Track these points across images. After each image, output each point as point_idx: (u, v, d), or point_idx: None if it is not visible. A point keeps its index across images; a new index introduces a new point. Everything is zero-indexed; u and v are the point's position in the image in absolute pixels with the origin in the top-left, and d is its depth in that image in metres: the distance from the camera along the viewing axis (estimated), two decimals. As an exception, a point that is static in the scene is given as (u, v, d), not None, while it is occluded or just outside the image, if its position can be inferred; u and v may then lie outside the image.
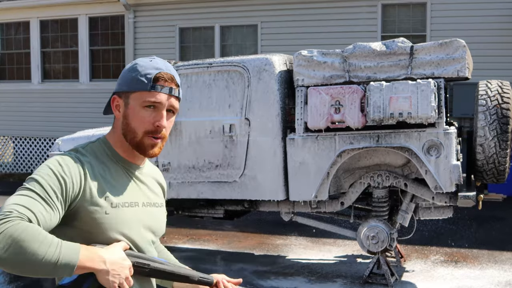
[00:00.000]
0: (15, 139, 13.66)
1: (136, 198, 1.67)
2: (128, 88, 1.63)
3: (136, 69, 1.63)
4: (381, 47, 5.22)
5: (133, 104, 1.63)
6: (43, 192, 1.46)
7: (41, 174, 1.50)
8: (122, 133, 1.66)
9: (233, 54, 11.21)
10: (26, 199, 1.44)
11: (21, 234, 1.35)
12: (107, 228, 1.56)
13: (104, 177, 1.60)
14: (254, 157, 5.56)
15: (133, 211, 1.64)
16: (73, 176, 1.52)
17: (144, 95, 1.61)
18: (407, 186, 5.25)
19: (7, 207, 1.41)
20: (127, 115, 1.64)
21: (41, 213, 1.43)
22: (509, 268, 5.85)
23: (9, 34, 13.88)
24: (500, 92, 5.19)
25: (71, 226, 1.55)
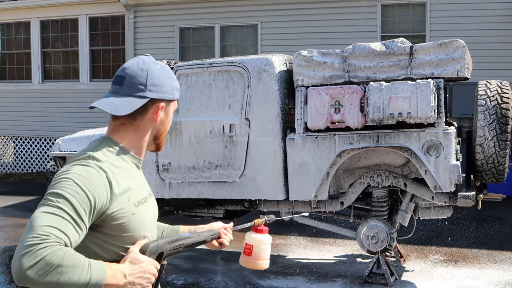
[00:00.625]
0: (16, 139, 13.67)
1: (145, 191, 1.76)
2: (173, 97, 1.76)
3: (174, 78, 1.78)
4: (381, 47, 5.23)
5: (171, 109, 1.78)
6: (75, 213, 1.48)
7: (70, 192, 1.50)
8: (154, 135, 1.76)
9: (233, 54, 11.22)
10: (59, 220, 1.44)
11: (60, 262, 1.39)
12: (134, 227, 1.64)
13: (124, 180, 1.64)
14: (254, 157, 5.57)
15: (148, 205, 1.74)
16: (101, 191, 1.55)
17: (176, 102, 1.81)
18: (406, 186, 5.26)
19: (42, 230, 1.41)
20: (165, 120, 1.77)
21: (73, 235, 1.46)
22: (508, 267, 5.86)
23: (10, 34, 13.89)
24: (499, 92, 5.20)
25: (97, 231, 1.58)
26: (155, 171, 5.90)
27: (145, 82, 1.70)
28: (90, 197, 1.51)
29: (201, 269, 6.05)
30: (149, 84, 1.70)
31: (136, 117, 1.70)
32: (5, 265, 6.38)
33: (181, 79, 5.89)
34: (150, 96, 1.69)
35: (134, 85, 1.69)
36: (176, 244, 1.72)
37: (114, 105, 1.68)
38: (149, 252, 1.63)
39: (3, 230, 8.07)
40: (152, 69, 1.71)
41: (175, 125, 5.83)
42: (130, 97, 1.69)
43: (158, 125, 1.75)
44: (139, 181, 1.74)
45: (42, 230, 1.40)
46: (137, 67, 1.71)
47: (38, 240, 1.39)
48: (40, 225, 1.41)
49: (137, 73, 1.70)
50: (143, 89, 1.69)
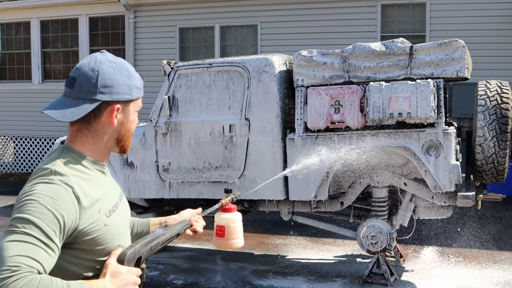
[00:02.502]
0: (16, 139, 13.68)
1: (115, 197, 1.68)
2: (131, 97, 1.63)
3: (133, 75, 1.64)
4: (381, 47, 5.23)
5: (131, 110, 1.65)
6: (44, 236, 1.39)
7: (36, 215, 1.41)
8: (115, 138, 1.65)
9: (233, 54, 11.22)
10: (28, 247, 1.37)
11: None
12: (108, 238, 1.58)
13: (92, 191, 1.55)
14: (254, 157, 5.57)
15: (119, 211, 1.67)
16: (69, 208, 1.46)
17: (139, 101, 1.68)
18: (406, 186, 5.27)
19: (12, 260, 1.33)
20: (125, 122, 1.65)
21: (46, 259, 1.39)
22: (508, 267, 5.87)
23: (10, 34, 13.89)
24: (499, 92, 5.20)
25: (70, 248, 1.51)
26: (155, 172, 5.90)
27: (95, 83, 1.57)
28: (58, 217, 1.42)
29: (201, 269, 6.05)
30: (100, 85, 1.57)
31: (90, 121, 1.60)
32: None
33: (181, 79, 5.89)
34: (102, 99, 1.57)
35: (84, 88, 1.57)
36: (152, 245, 1.65)
37: (62, 111, 1.57)
38: (127, 260, 1.57)
39: (3, 230, 8.06)
40: (105, 68, 1.58)
41: (175, 126, 5.84)
42: (80, 101, 1.57)
43: (117, 128, 1.63)
44: (108, 187, 1.65)
45: (12, 261, 1.33)
46: (88, 67, 1.58)
47: (9, 273, 1.31)
48: (9, 256, 1.34)
49: (87, 74, 1.57)
50: (94, 92, 1.56)
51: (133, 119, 1.67)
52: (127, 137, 1.68)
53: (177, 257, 6.42)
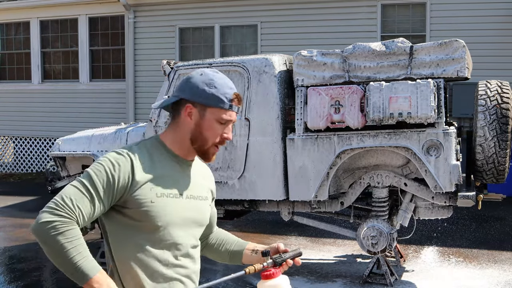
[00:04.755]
0: (15, 139, 13.67)
1: (181, 190, 1.87)
2: (207, 103, 1.84)
3: (213, 85, 1.84)
4: (381, 47, 5.23)
5: (209, 118, 1.85)
6: (93, 188, 1.72)
7: (95, 171, 1.76)
8: (190, 138, 1.87)
9: (233, 54, 11.22)
10: (77, 193, 1.71)
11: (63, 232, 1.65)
12: (152, 216, 1.78)
13: (153, 170, 1.80)
14: (254, 157, 5.56)
15: (177, 202, 1.85)
16: (122, 173, 1.75)
17: (222, 112, 1.84)
18: (407, 186, 5.26)
19: (61, 198, 1.69)
20: (201, 125, 1.85)
21: (86, 207, 1.70)
22: (508, 268, 5.86)
23: (9, 34, 13.89)
24: (499, 92, 5.20)
25: (122, 213, 1.79)
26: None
27: (183, 84, 1.88)
28: (110, 177, 1.74)
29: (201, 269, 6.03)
30: (185, 86, 1.87)
31: (175, 116, 1.89)
32: (5, 265, 6.37)
33: (181, 79, 5.87)
34: (181, 95, 1.86)
35: (177, 87, 1.91)
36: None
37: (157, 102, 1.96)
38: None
39: (3, 230, 8.06)
40: (194, 75, 1.87)
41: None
42: (171, 97, 1.90)
43: (192, 128, 1.86)
44: (178, 180, 1.86)
45: (61, 200, 1.69)
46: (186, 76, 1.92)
47: (55, 206, 1.68)
48: (64, 194, 1.70)
49: (183, 79, 1.91)
50: (179, 89, 1.88)
51: (209, 125, 1.84)
52: (201, 141, 1.86)
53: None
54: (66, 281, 5.78)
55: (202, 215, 1.95)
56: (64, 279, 5.81)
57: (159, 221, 1.79)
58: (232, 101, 1.85)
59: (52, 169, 6.98)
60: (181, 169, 1.89)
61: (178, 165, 1.89)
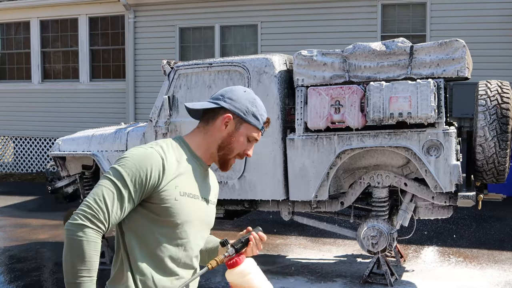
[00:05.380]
0: (15, 139, 13.67)
1: (198, 192, 1.95)
2: (246, 118, 1.96)
3: (255, 104, 1.98)
4: (381, 47, 5.22)
5: (243, 132, 1.97)
6: (125, 189, 1.76)
7: (127, 169, 1.78)
8: (218, 144, 1.96)
9: (233, 54, 11.22)
10: (109, 196, 1.74)
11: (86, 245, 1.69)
12: (173, 213, 1.84)
13: (178, 170, 1.87)
14: (254, 157, 5.56)
15: (195, 202, 1.93)
16: (154, 173, 1.80)
17: (254, 130, 1.99)
18: (407, 186, 5.26)
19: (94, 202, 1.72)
20: (233, 136, 1.96)
21: (117, 211, 1.75)
22: (508, 268, 5.86)
23: (9, 34, 13.89)
24: (499, 92, 5.20)
25: (144, 207, 1.84)
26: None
27: (224, 94, 1.98)
28: (144, 177, 1.77)
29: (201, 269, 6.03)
30: (226, 97, 1.96)
31: (208, 122, 1.97)
32: (5, 265, 6.37)
33: (181, 79, 5.88)
34: (221, 104, 1.95)
35: (217, 95, 2.00)
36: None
37: (193, 103, 2.01)
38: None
39: (3, 230, 8.06)
40: (236, 89, 1.99)
41: (175, 126, 5.83)
42: (209, 102, 1.99)
43: (224, 136, 1.95)
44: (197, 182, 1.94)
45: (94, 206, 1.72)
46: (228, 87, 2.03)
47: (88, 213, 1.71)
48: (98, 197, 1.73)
49: (224, 89, 2.02)
50: (220, 99, 1.97)
51: (239, 139, 1.97)
52: (227, 150, 1.97)
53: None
54: (66, 281, 5.79)
55: (211, 218, 2.05)
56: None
57: (178, 218, 1.85)
58: (265, 123, 2.01)
59: (52, 169, 6.98)
60: (201, 172, 1.98)
61: (199, 168, 1.97)
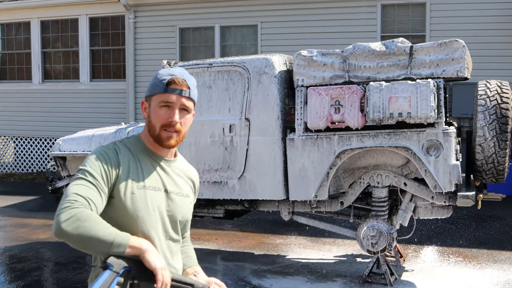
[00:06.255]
0: (16, 139, 13.68)
1: (160, 184, 1.99)
2: (150, 93, 2.00)
3: (156, 76, 2.01)
4: (381, 47, 5.23)
5: (153, 105, 1.99)
6: (94, 180, 1.85)
7: (90, 165, 1.88)
8: (148, 129, 2.01)
9: (233, 54, 11.22)
10: (83, 188, 1.82)
11: (87, 219, 1.75)
12: (132, 206, 1.91)
13: (134, 164, 1.96)
14: (254, 157, 5.57)
15: (156, 194, 1.97)
16: (112, 163, 1.90)
17: (160, 97, 1.97)
18: (406, 186, 5.27)
19: (70, 196, 1.80)
20: (150, 115, 2.00)
21: (95, 198, 1.83)
22: (508, 267, 5.87)
23: (10, 34, 13.90)
24: (499, 92, 5.21)
25: (109, 204, 1.90)
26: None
27: None
28: (105, 168, 1.88)
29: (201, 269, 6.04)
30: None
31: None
32: (5, 265, 6.38)
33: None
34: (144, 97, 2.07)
35: None
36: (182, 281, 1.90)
37: None
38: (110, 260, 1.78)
39: (3, 230, 8.07)
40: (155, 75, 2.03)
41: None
42: None
43: (147, 119, 2.01)
44: (153, 173, 1.99)
45: (71, 197, 1.79)
46: None
47: (69, 203, 1.77)
48: (70, 193, 1.80)
49: None
50: None
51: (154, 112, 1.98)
52: (151, 128, 1.99)
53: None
54: (66, 281, 5.79)
55: (181, 211, 2.05)
56: (64, 279, 5.82)
57: (138, 210, 1.91)
58: (169, 84, 1.95)
59: (53, 169, 7.00)
60: (158, 165, 2.02)
61: (156, 161, 2.02)
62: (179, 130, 1.98)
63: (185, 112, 1.99)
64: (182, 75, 1.99)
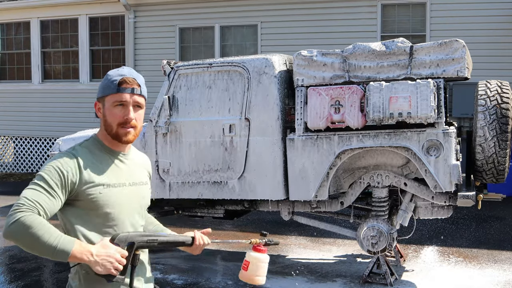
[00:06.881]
0: (16, 139, 13.67)
1: (123, 179, 2.11)
2: (102, 94, 2.09)
3: (106, 78, 2.10)
4: (381, 47, 5.23)
5: (107, 105, 2.08)
6: (47, 185, 1.92)
7: (45, 171, 1.95)
8: (104, 129, 2.10)
9: (233, 54, 11.22)
10: (34, 192, 1.90)
11: (31, 223, 1.81)
12: (101, 204, 2.02)
13: (96, 165, 2.05)
14: (254, 157, 5.57)
15: (122, 190, 2.09)
16: (70, 170, 1.97)
17: (114, 97, 2.07)
18: (406, 186, 5.26)
19: (20, 199, 1.87)
20: (105, 114, 2.10)
21: (45, 202, 1.89)
22: (508, 267, 5.86)
23: (10, 34, 13.89)
24: (499, 92, 5.20)
25: (74, 206, 2.00)
26: (155, 172, 5.89)
27: None
28: (60, 174, 1.94)
29: (201, 269, 6.05)
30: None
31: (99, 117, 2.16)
32: (5, 265, 6.38)
33: (181, 79, 5.88)
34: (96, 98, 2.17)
35: None
36: (149, 239, 2.02)
37: None
38: (118, 239, 1.94)
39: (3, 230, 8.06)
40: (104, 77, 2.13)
41: (175, 126, 5.83)
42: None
43: (103, 119, 2.11)
44: (115, 170, 2.10)
45: (20, 201, 1.87)
46: None
47: (16, 207, 1.85)
48: (21, 197, 1.89)
49: None
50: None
51: (109, 112, 2.08)
52: (108, 127, 2.09)
53: (177, 257, 6.42)
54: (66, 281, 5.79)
55: (145, 198, 2.22)
56: (64, 279, 5.81)
57: (107, 208, 2.03)
58: (120, 84, 2.06)
59: (52, 169, 6.98)
60: (118, 160, 2.14)
61: (115, 157, 2.13)
62: (135, 125, 2.10)
63: (138, 108, 2.11)
64: (131, 74, 2.10)
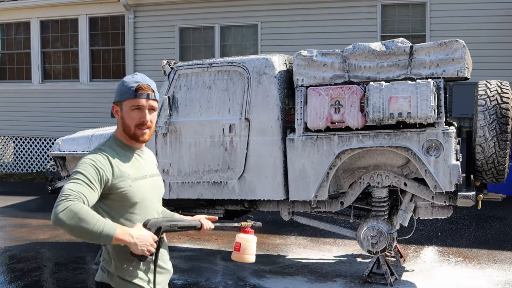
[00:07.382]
0: (16, 139, 13.67)
1: (144, 172, 2.43)
2: (120, 99, 2.38)
3: (123, 84, 2.38)
4: (381, 47, 5.23)
5: (125, 109, 2.37)
6: (87, 179, 2.19)
7: (82, 168, 2.22)
8: (123, 129, 2.40)
9: (233, 54, 11.22)
10: (76, 185, 2.16)
11: (79, 210, 2.07)
12: (131, 196, 2.31)
13: (122, 162, 2.34)
14: (254, 157, 5.56)
15: (145, 181, 2.41)
16: (103, 166, 2.25)
17: (131, 102, 2.36)
18: (406, 186, 5.26)
19: (65, 191, 2.12)
20: (123, 117, 2.38)
21: (88, 194, 2.16)
22: (508, 267, 5.87)
23: (10, 34, 13.89)
24: (499, 92, 5.20)
25: (108, 199, 2.29)
26: (155, 171, 5.88)
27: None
28: (96, 170, 2.22)
29: (201, 269, 6.05)
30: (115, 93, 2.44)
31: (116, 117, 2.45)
32: (5, 265, 6.38)
33: (181, 79, 5.88)
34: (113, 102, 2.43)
35: None
36: (172, 224, 2.34)
37: None
38: (150, 225, 2.27)
39: (3, 230, 8.07)
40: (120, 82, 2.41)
41: (175, 126, 5.83)
42: None
43: (121, 121, 2.39)
44: (137, 164, 2.40)
45: (65, 192, 2.12)
46: None
47: (63, 197, 2.10)
48: (65, 189, 2.14)
49: None
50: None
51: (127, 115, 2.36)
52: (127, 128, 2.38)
53: (177, 257, 6.42)
54: (66, 281, 5.79)
55: (160, 187, 2.54)
56: (64, 279, 5.82)
57: (136, 198, 2.32)
58: (137, 90, 2.33)
59: (52, 169, 6.99)
60: (137, 155, 2.43)
61: (134, 154, 2.42)
62: (150, 126, 2.40)
63: (152, 111, 2.40)
64: (145, 81, 2.37)
